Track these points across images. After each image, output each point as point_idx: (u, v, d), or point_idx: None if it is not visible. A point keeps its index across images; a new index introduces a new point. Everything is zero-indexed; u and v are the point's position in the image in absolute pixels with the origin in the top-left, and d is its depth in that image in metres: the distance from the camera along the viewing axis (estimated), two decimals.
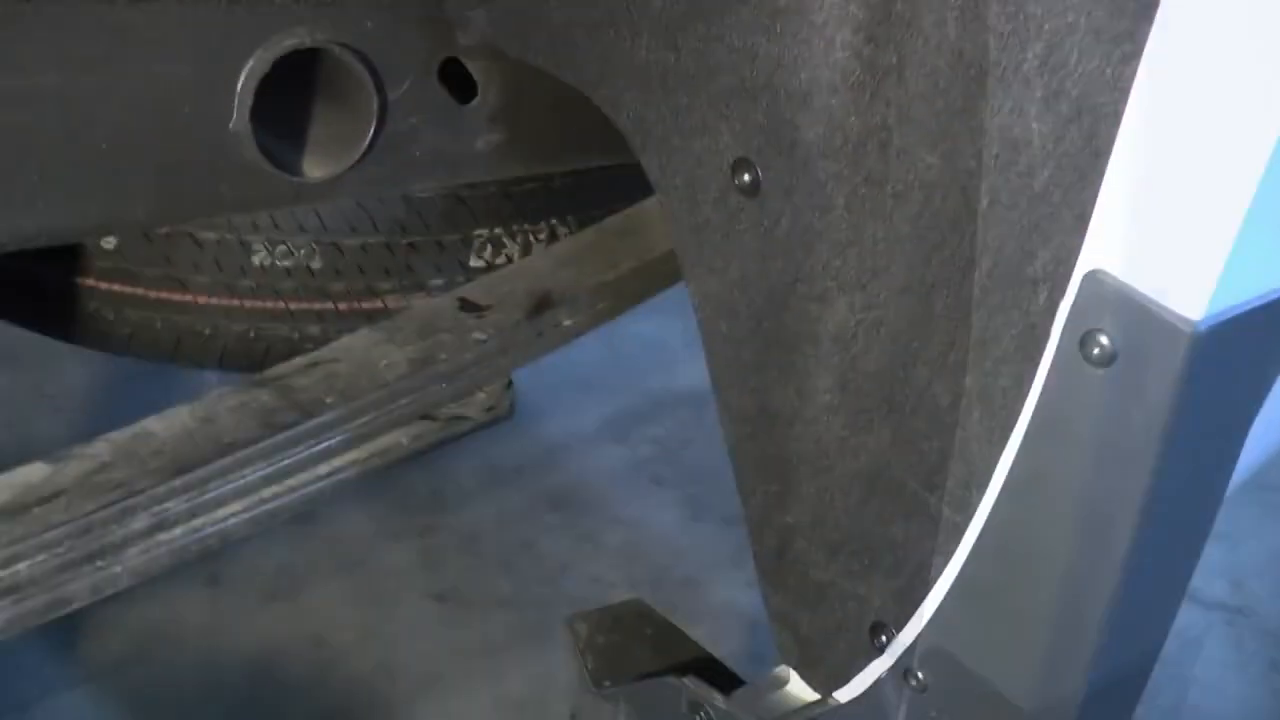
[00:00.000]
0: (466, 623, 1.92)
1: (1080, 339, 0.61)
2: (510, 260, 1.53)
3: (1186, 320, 0.56)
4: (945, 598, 0.78)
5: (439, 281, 1.50)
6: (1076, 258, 0.67)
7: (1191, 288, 0.56)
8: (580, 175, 1.55)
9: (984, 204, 0.73)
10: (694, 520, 2.17)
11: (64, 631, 1.82)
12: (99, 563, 0.92)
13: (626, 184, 1.62)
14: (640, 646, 1.15)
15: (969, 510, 0.80)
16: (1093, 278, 0.60)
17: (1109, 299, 0.58)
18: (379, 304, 1.47)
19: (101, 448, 0.96)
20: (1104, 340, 0.60)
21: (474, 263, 1.52)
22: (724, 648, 1.95)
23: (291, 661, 1.82)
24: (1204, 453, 0.63)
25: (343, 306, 1.46)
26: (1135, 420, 0.58)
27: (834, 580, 0.94)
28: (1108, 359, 0.59)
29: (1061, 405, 0.64)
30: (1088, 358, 0.60)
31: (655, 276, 1.17)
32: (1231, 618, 2.08)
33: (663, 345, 2.53)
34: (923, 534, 0.85)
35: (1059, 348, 0.63)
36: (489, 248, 1.52)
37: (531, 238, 1.54)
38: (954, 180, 0.74)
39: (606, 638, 1.16)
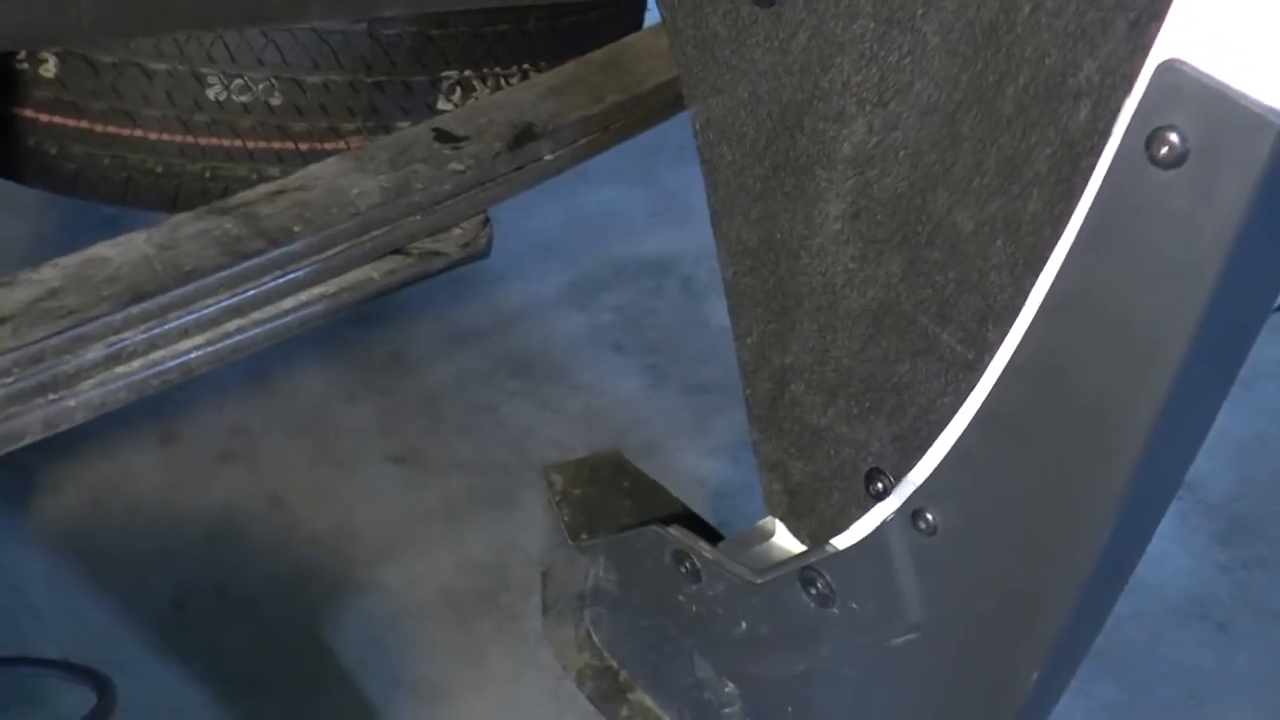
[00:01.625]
0: (426, 485, 1.88)
1: (1147, 139, 0.56)
2: None
3: (1276, 111, 0.51)
4: (963, 435, 0.74)
5: (405, 124, 1.42)
6: (1130, 66, 0.62)
7: None
8: (554, 16, 1.47)
9: (1025, 11, 0.67)
10: (655, 388, 2.14)
11: (15, 489, 1.76)
12: (51, 395, 0.86)
13: (600, 28, 1.55)
14: (618, 499, 1.12)
15: (982, 345, 0.76)
16: (1168, 68, 0.55)
17: (1185, 92, 0.54)
18: (342, 145, 1.39)
19: (50, 273, 0.89)
20: (1174, 138, 0.55)
21: (442, 105, 1.44)
22: None
23: (250, 522, 1.77)
24: (1263, 268, 0.59)
25: (304, 147, 1.38)
26: (1205, 224, 0.54)
27: (831, 425, 0.90)
28: (1178, 159, 0.55)
29: (1118, 215, 0.59)
30: (1154, 158, 0.56)
31: (642, 111, 1.11)
32: (1178, 492, 2.10)
33: (625, 213, 2.47)
34: (930, 373, 0.81)
35: (1118, 151, 0.58)
36: (458, 90, 1.44)
37: (503, 82, 1.47)
38: None
39: (583, 490, 1.12)
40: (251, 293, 0.91)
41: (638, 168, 2.50)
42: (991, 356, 0.75)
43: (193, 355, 0.91)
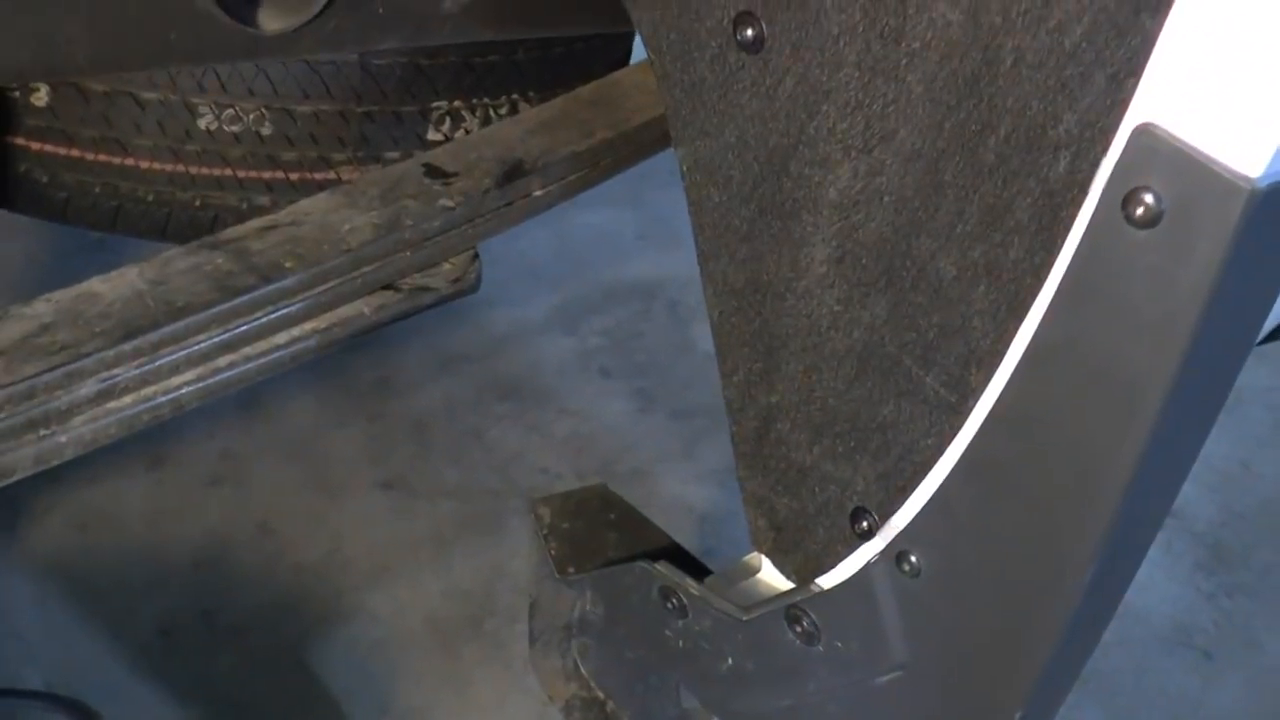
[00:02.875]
0: (414, 511, 1.89)
1: (1123, 198, 0.57)
2: (469, 134, 1.47)
3: (1245, 177, 0.52)
4: (947, 478, 0.75)
5: (395, 154, 1.43)
6: (1108, 119, 0.63)
7: (1253, 144, 0.52)
8: (544, 48, 1.48)
9: (1007, 64, 0.69)
10: (643, 413, 2.14)
11: (1, 515, 1.76)
12: (42, 431, 0.86)
13: (590, 59, 1.56)
14: (605, 532, 1.12)
15: (965, 389, 0.77)
16: (1144, 132, 0.56)
17: (1161, 155, 0.55)
18: (332, 175, 1.40)
19: (43, 308, 0.90)
20: (1149, 199, 0.56)
21: (432, 135, 1.45)
22: None
23: (238, 549, 1.77)
24: (1238, 319, 0.60)
25: (294, 177, 1.39)
26: (1179, 283, 0.55)
27: (816, 463, 0.91)
28: (1153, 219, 0.56)
29: (1095, 271, 0.60)
30: (1130, 218, 0.57)
31: (630, 147, 1.12)
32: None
33: (614, 236, 2.48)
34: (914, 414, 0.82)
35: (1096, 210, 0.59)
36: (448, 120, 1.45)
37: (492, 112, 1.48)
38: (975, 38, 0.69)
39: (571, 523, 1.12)
40: (243, 328, 0.92)
41: (626, 191, 2.51)
42: (975, 401, 0.76)
43: (184, 390, 0.91)
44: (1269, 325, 0.73)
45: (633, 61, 1.56)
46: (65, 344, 0.86)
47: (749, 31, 0.78)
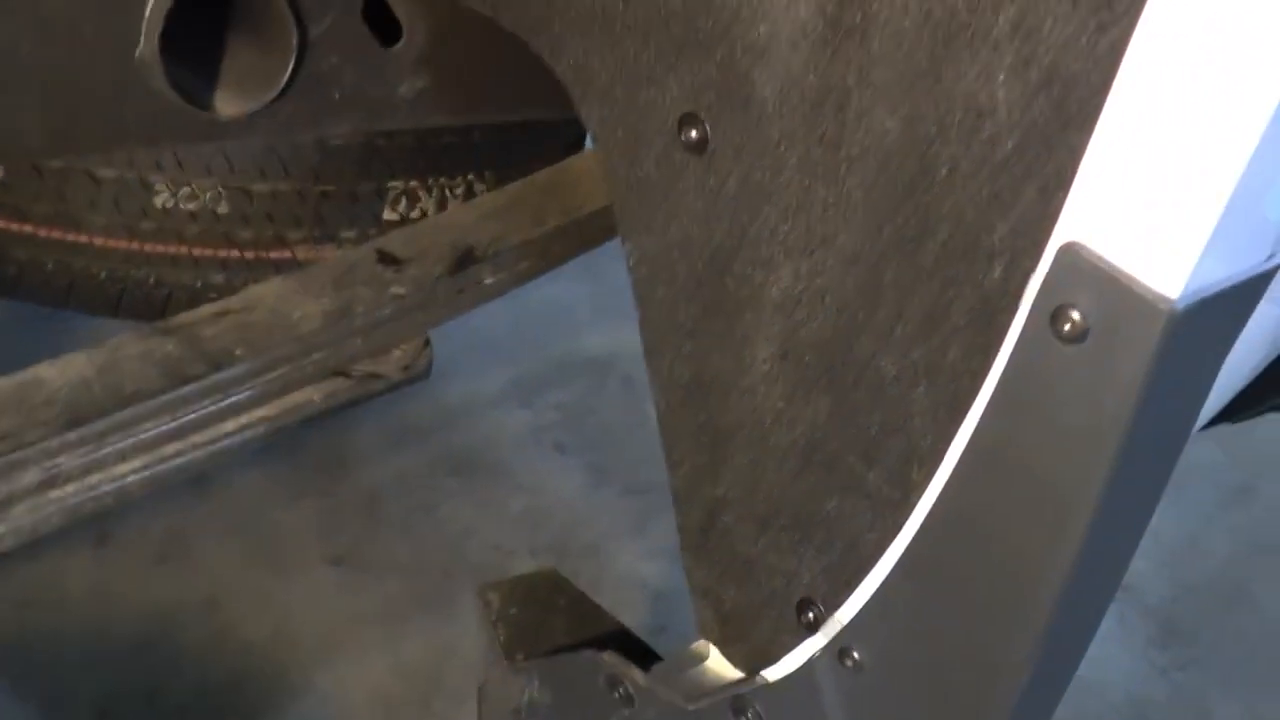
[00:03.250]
0: (364, 588, 1.87)
1: (1051, 314, 0.59)
2: (425, 215, 1.48)
3: (1165, 298, 0.54)
4: (889, 575, 0.76)
5: (351, 233, 1.44)
6: (1038, 231, 0.65)
7: (1172, 265, 0.54)
8: (500, 130, 1.50)
9: (942, 172, 0.71)
10: (596, 488, 2.15)
11: None
12: None
13: (546, 140, 1.58)
14: (554, 618, 1.12)
15: (907, 486, 0.78)
16: (1069, 250, 0.58)
17: (1085, 273, 0.57)
18: (288, 254, 1.41)
19: None
20: (1076, 316, 0.58)
21: (388, 215, 1.46)
22: (627, 618, 1.94)
23: (183, 626, 1.75)
24: (1164, 429, 0.62)
25: (249, 255, 1.39)
26: (1105, 399, 0.57)
27: (762, 555, 0.92)
28: (1079, 335, 0.58)
29: (1026, 381, 0.62)
30: (1058, 334, 0.59)
31: (582, 235, 1.13)
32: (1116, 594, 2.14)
33: (569, 309, 2.50)
34: (857, 509, 0.83)
35: (1026, 323, 0.61)
36: (404, 200, 1.47)
37: (447, 192, 1.49)
38: (912, 146, 0.71)
39: (520, 609, 1.12)
40: (191, 416, 0.92)
41: (581, 263, 2.51)
42: (917, 497, 0.77)
43: (130, 479, 0.91)
44: (1210, 412, 0.75)
45: (588, 144, 1.58)
46: (8, 432, 0.85)
47: (694, 133, 0.79)
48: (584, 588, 1.97)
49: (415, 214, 1.47)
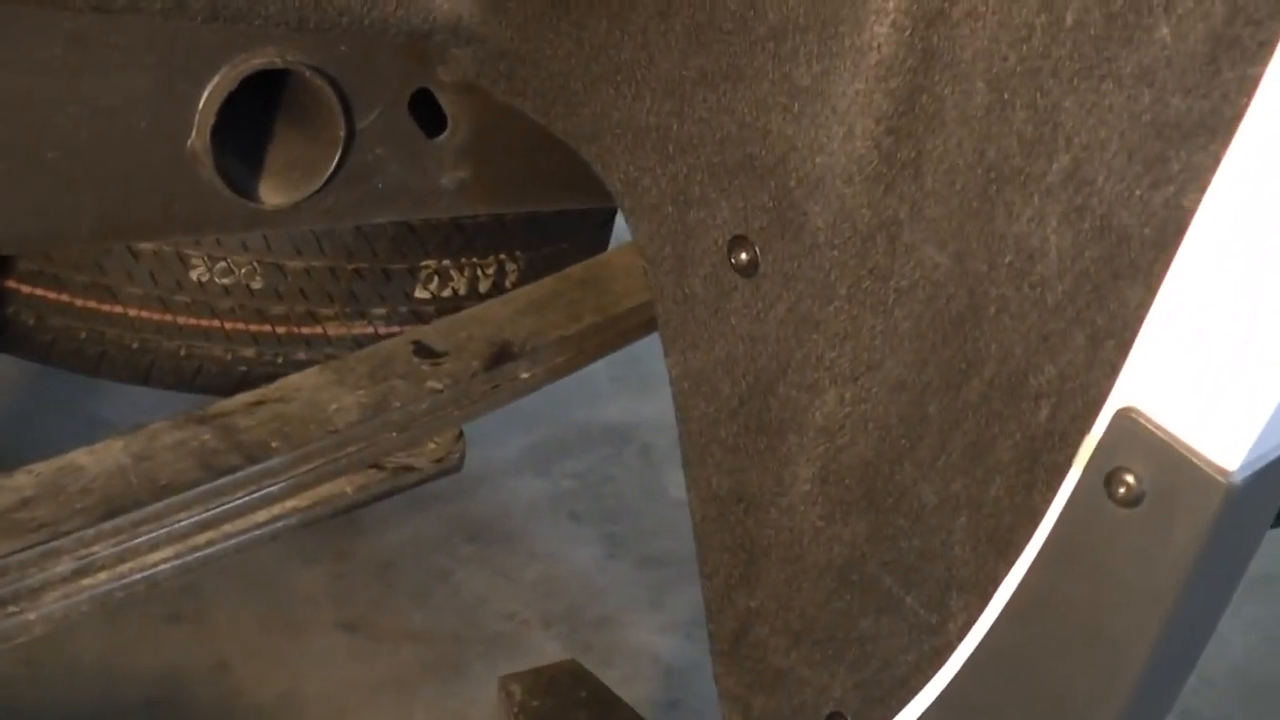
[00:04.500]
0: (376, 655, 1.86)
1: (1106, 476, 0.59)
2: (456, 294, 1.49)
3: (1223, 470, 0.54)
4: (930, 707, 0.75)
5: (382, 311, 1.45)
6: (1087, 378, 0.65)
7: (1232, 438, 0.54)
8: (534, 211, 1.51)
9: (991, 311, 0.71)
10: (611, 559, 2.14)
11: None
12: (11, 608, 0.85)
13: (577, 221, 1.59)
14: (576, 711, 1.12)
15: (945, 613, 0.78)
16: (1125, 416, 0.58)
17: (1141, 441, 0.57)
18: (319, 330, 1.41)
19: (24, 480, 0.89)
20: (1131, 480, 0.58)
21: (419, 294, 1.47)
22: (639, 693, 1.93)
23: (193, 688, 1.74)
24: (1217, 585, 0.62)
25: (281, 330, 1.40)
26: (1159, 562, 0.57)
27: (793, 667, 0.91)
28: (1134, 500, 0.58)
29: (1079, 536, 0.62)
30: (1113, 495, 0.59)
31: (618, 332, 1.14)
32: None
33: (588, 378, 2.49)
34: (893, 630, 0.82)
35: (1080, 481, 0.61)
36: (435, 279, 1.47)
37: (479, 271, 1.50)
38: (962, 282, 0.72)
39: (541, 701, 1.12)
40: (225, 507, 0.92)
41: None
42: (956, 624, 0.76)
43: (161, 568, 0.91)
44: None
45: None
46: (44, 521, 0.86)
47: (743, 255, 0.80)
48: (597, 660, 1.97)
49: (446, 293, 1.47)
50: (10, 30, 0.89)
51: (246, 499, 0.93)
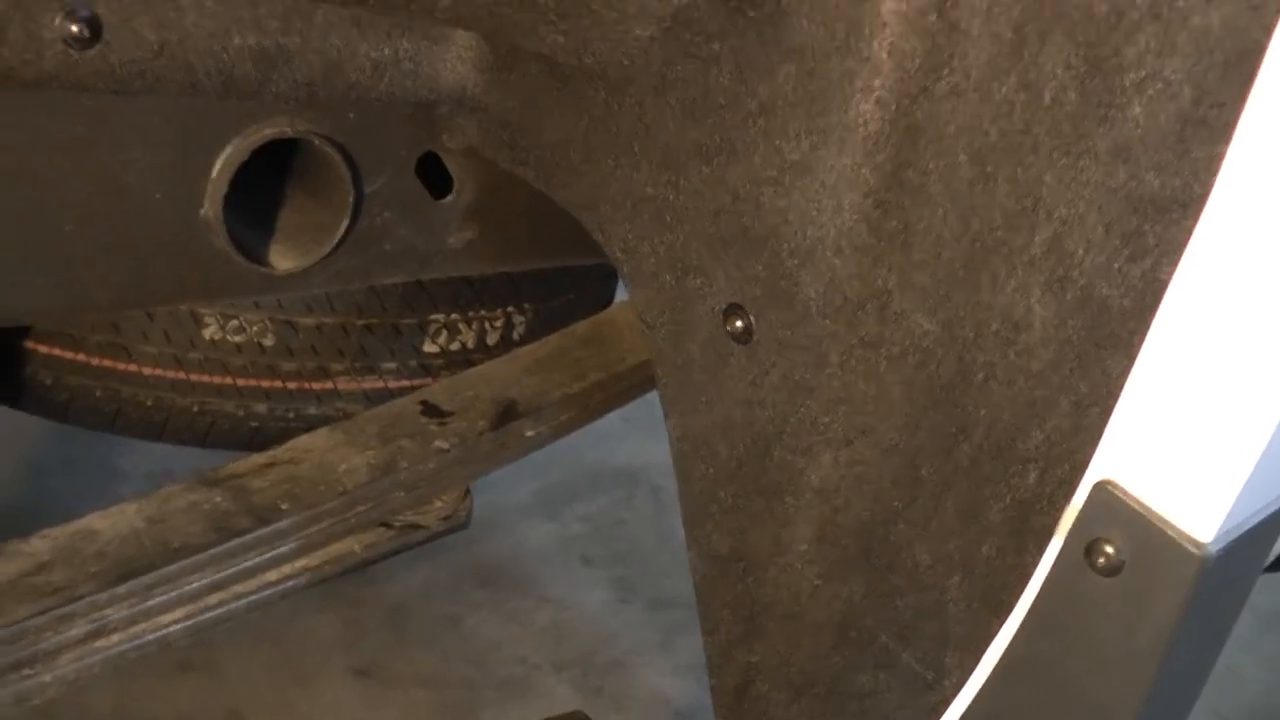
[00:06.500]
0: (388, 701, 1.87)
1: (1087, 546, 0.61)
2: (464, 347, 1.51)
3: (1198, 543, 0.56)
4: None
5: (392, 365, 1.47)
6: (1073, 444, 0.67)
7: (1204, 510, 0.56)
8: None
9: (979, 377, 0.73)
10: (622, 602, 2.15)
11: None
12: (27, 670, 0.87)
13: (585, 274, 1.61)
14: None
15: (941, 670, 0.79)
16: (1103, 489, 0.60)
17: (1119, 513, 0.59)
18: (330, 385, 1.44)
19: (40, 545, 0.92)
20: (1110, 550, 0.60)
21: (428, 348, 1.49)
22: None
23: None
24: (1200, 649, 0.63)
25: (292, 386, 1.42)
26: (1140, 630, 0.58)
27: None
28: (1114, 569, 0.59)
29: (1061, 603, 0.64)
30: (1093, 565, 0.60)
31: (622, 389, 1.16)
32: None
33: (599, 421, 2.51)
34: (890, 686, 0.84)
35: (1062, 551, 0.63)
36: (444, 333, 1.50)
37: (488, 325, 1.52)
38: (950, 349, 0.74)
39: None
40: (236, 569, 0.94)
41: None
42: (951, 681, 0.78)
43: (173, 629, 0.92)
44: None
45: None
46: (59, 585, 0.88)
47: (739, 323, 0.82)
48: (609, 704, 1.97)
49: (455, 346, 1.50)
50: (34, 111, 0.91)
51: (257, 560, 0.94)
